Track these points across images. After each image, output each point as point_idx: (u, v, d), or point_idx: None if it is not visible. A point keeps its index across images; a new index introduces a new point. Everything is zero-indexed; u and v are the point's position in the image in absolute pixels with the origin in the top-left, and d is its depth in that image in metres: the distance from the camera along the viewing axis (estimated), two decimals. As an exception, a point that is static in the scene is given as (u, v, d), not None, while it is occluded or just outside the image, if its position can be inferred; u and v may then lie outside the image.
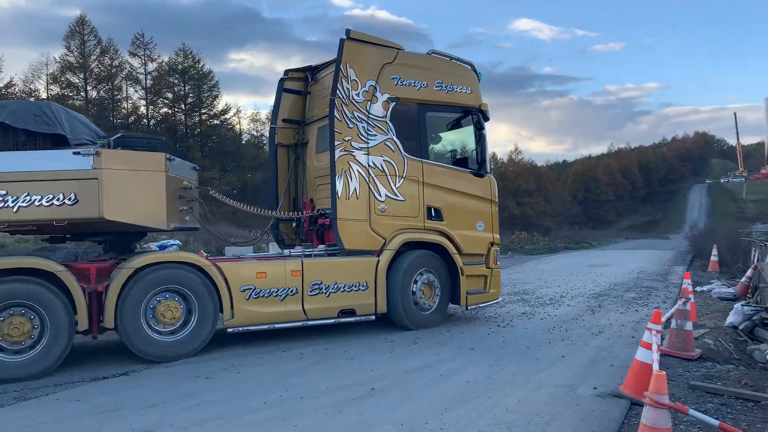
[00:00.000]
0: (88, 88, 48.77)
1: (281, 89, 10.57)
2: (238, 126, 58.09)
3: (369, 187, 9.04)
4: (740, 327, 8.82)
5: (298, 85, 10.66)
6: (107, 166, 7.15)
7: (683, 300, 7.61)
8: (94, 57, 49.14)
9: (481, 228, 10.01)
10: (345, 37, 9.00)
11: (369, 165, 9.04)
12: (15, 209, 6.87)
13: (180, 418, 5.21)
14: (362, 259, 8.95)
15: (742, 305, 9.45)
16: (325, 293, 8.59)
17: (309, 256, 8.88)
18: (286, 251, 9.18)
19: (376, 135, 9.13)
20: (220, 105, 54.31)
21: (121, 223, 7.34)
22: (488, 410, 5.37)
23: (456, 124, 10.23)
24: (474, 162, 10.06)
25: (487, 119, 10.15)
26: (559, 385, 6.20)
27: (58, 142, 7.45)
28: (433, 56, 10.07)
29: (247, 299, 8.03)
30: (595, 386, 6.11)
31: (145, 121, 51.14)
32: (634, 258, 26.02)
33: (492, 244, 10.16)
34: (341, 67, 8.89)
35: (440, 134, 10.37)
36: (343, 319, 8.75)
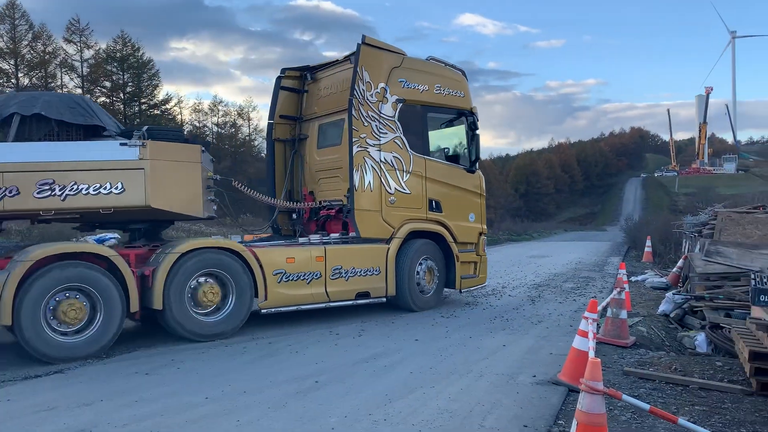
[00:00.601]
0: (20, 75, 46.60)
1: (278, 87, 11.07)
2: (179, 116, 56.69)
3: (381, 180, 9.82)
4: (671, 315, 9.20)
5: (295, 83, 11.25)
6: (152, 157, 7.58)
7: (618, 289, 7.88)
8: (26, 42, 46.91)
9: (472, 219, 11.04)
10: (361, 42, 9.72)
11: (381, 160, 9.83)
12: (62, 197, 7.19)
13: (117, 416, 5.07)
14: (375, 246, 9.75)
15: (674, 294, 9.87)
16: (345, 277, 9.33)
17: (328, 243, 9.49)
18: (303, 239, 9.67)
19: (386, 133, 9.92)
20: (160, 95, 52.86)
21: (163, 211, 7.83)
22: (431, 400, 5.44)
23: (448, 124, 11.12)
24: (466, 159, 11.04)
25: (477, 120, 11.07)
26: (499, 373, 6.33)
27: (89, 133, 7.81)
28: (432, 62, 10.88)
29: (279, 282, 8.64)
30: (535, 374, 6.27)
31: (80, 110, 49.27)
32: (573, 249, 26.76)
33: (481, 233, 11.18)
34: (358, 69, 9.55)
35: (437, 133, 11.10)
36: (360, 301, 9.54)
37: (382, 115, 9.84)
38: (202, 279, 8.03)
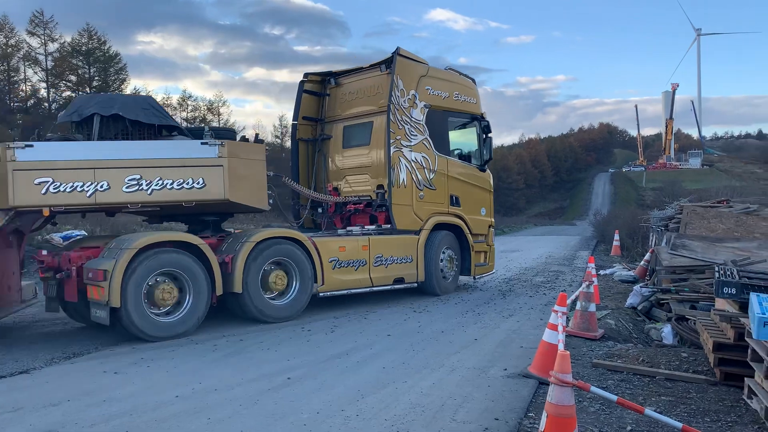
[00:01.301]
0: (-20, 68, 45.42)
1: (301, 90, 12.10)
2: (147, 111, 55.72)
3: (412, 178, 10.97)
4: (639, 307, 9.37)
5: (316, 87, 12.30)
6: (229, 155, 8.36)
7: (587, 283, 7.98)
8: (-13, 35, 45.78)
9: (483, 213, 12.34)
10: (397, 53, 10.77)
11: (412, 160, 10.97)
12: (149, 192, 7.93)
13: (85, 415, 4.98)
14: (407, 236, 10.87)
15: (641, 287, 10.03)
16: (385, 264, 10.45)
17: (368, 234, 10.58)
18: (342, 230, 10.89)
19: (416, 135, 11.07)
20: (128, 89, 52.01)
21: (238, 204, 8.65)
22: (403, 395, 5.46)
23: (462, 127, 12.31)
24: (477, 159, 12.26)
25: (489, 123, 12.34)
26: (471, 367, 6.38)
27: (158, 131, 8.61)
28: (450, 71, 12.12)
29: (333, 269, 9.71)
30: (506, 367, 6.33)
31: (46, 104, 48.27)
32: (543, 244, 27.05)
33: (490, 226, 12.46)
34: (394, 78, 10.59)
35: (453, 134, 12.18)
36: (396, 286, 10.64)
37: (412, 118, 10.98)
38: (271, 266, 8.89)
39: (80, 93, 49.47)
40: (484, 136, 12.17)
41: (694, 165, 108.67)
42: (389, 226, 10.87)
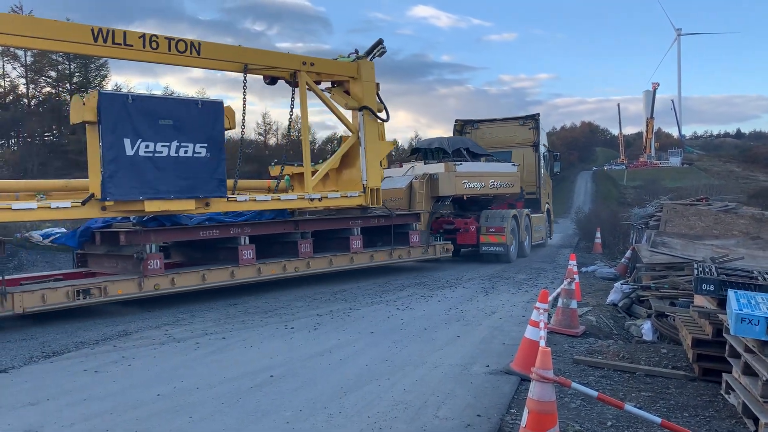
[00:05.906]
0: (-43, 63, 44.60)
1: (455, 129, 20.43)
2: (128, 108, 55.06)
3: (542, 182, 19.69)
4: (619, 304, 9.45)
5: (459, 127, 20.53)
6: (520, 171, 17.98)
7: (569, 280, 8.04)
8: (-36, 30, 44.96)
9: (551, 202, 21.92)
10: (538, 117, 19.65)
11: (541, 173, 19.67)
12: (496, 188, 16.73)
13: (65, 415, 4.93)
14: (542, 215, 19.77)
15: (621, 284, 10.12)
16: (541, 230, 19.44)
17: (537, 213, 19.16)
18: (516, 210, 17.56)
19: (542, 162, 19.69)
20: (109, 86, 51.27)
21: (519, 195, 18.06)
22: (386, 392, 5.47)
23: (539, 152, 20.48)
24: (549, 171, 20.99)
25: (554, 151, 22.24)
26: (454, 364, 6.40)
27: (471, 156, 16.92)
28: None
29: (533, 231, 18.24)
30: (488, 364, 6.37)
31: (25, 101, 47.57)
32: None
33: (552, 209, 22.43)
34: (539, 129, 19.47)
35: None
36: (540, 242, 19.80)
37: (541, 151, 19.50)
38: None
39: (61, 89, 48.85)
40: (554, 160, 21.15)
41: (674, 163, 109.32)
42: (530, 209, 18.30)
